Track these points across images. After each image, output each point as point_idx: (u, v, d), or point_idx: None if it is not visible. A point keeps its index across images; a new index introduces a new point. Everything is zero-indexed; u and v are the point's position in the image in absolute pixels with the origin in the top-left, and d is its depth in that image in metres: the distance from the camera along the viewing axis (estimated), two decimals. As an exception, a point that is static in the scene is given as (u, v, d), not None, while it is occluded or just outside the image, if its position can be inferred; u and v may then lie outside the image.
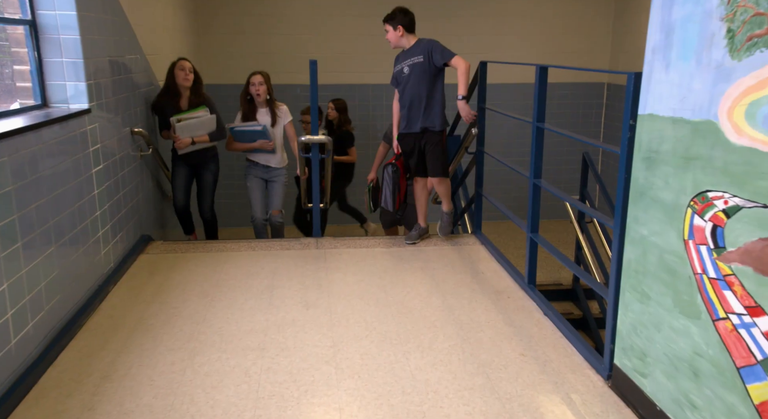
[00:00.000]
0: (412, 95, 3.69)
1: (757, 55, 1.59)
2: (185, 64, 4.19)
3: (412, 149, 3.81)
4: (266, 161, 4.56)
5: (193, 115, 4.19)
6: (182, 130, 4.16)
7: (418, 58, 3.65)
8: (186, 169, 4.40)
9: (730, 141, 1.69)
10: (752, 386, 1.61)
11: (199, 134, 4.26)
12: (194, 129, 4.23)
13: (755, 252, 1.60)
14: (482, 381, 2.38)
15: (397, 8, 3.71)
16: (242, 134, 4.47)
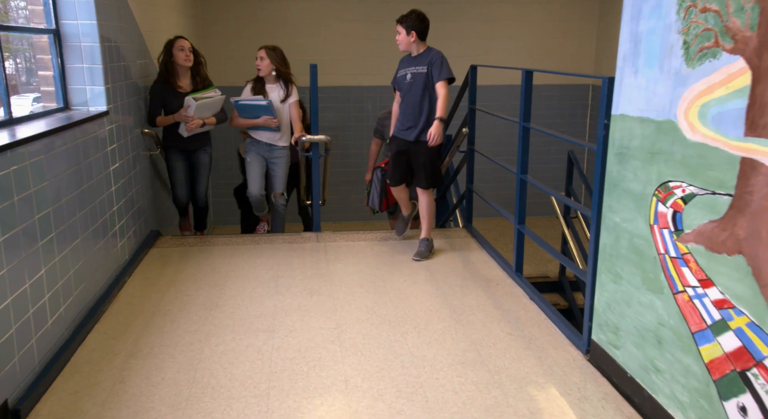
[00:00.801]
0: (411, 104, 3.70)
1: (706, 63, 1.85)
2: (184, 43, 4.02)
3: (400, 154, 3.81)
4: (269, 139, 4.38)
5: (207, 95, 4.07)
6: (199, 109, 4.01)
7: (422, 68, 3.64)
8: (183, 160, 4.28)
9: (686, 137, 1.95)
10: (703, 347, 1.86)
11: (208, 116, 4.15)
12: (207, 109, 4.10)
13: (706, 233, 1.86)
14: (473, 356, 2.63)
15: (415, 12, 3.64)
16: (246, 108, 4.27)
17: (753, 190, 1.66)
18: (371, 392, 2.33)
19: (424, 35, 3.66)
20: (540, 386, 2.40)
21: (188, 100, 3.94)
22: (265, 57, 4.20)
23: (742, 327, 1.70)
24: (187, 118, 4.01)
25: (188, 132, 4.08)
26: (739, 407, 1.71)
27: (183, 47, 4.00)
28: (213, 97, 4.09)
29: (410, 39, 3.63)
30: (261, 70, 4.24)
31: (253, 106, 4.24)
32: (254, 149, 4.43)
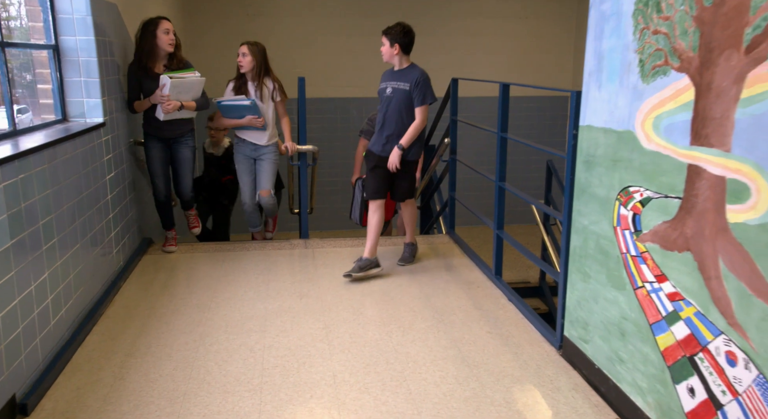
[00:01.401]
0: (389, 119, 3.67)
1: (658, 80, 2.05)
2: (169, 25, 3.75)
3: (377, 168, 3.77)
4: (255, 139, 4.21)
5: (185, 75, 3.78)
6: (175, 88, 3.70)
7: (404, 84, 3.60)
8: (162, 151, 3.97)
9: (643, 146, 2.15)
10: (659, 337, 2.05)
11: (187, 99, 3.85)
12: (185, 90, 3.79)
13: (660, 233, 2.05)
14: (454, 353, 2.79)
15: (400, 26, 3.59)
16: (229, 109, 4.10)
17: (698, 193, 1.85)
18: (358, 386, 2.49)
19: (408, 49, 3.64)
20: (516, 379, 2.57)
21: (163, 78, 3.66)
22: (248, 53, 4.03)
23: (691, 316, 1.89)
24: (163, 98, 3.69)
25: (165, 114, 3.76)
26: (689, 389, 1.90)
27: (168, 30, 3.73)
28: (186, 77, 3.78)
29: (393, 51, 3.60)
30: (243, 67, 4.06)
31: (236, 106, 4.08)
32: (241, 151, 4.26)
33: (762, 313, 1.60)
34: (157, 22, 3.70)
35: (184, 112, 3.88)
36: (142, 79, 3.76)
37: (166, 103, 3.71)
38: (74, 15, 3.29)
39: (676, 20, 1.94)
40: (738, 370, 1.69)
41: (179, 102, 3.77)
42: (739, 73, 1.67)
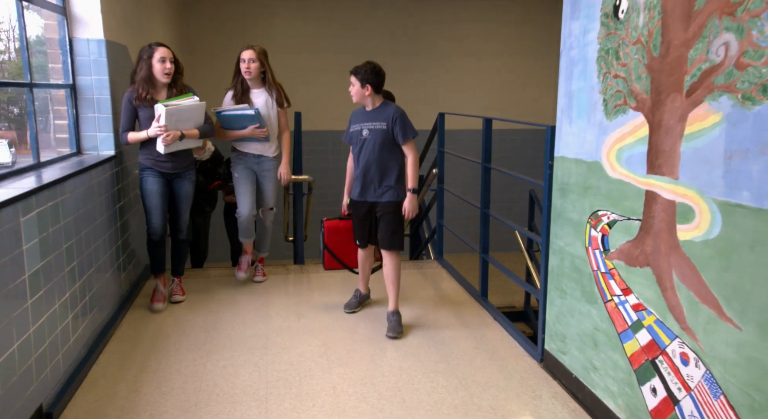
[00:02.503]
0: (369, 162, 3.43)
1: (619, 117, 2.35)
2: (166, 52, 3.44)
3: (365, 217, 3.54)
4: (258, 150, 3.95)
5: (181, 102, 3.45)
6: (171, 116, 3.35)
7: (381, 124, 3.40)
8: (161, 185, 3.59)
9: (608, 175, 2.43)
10: (626, 344, 2.30)
11: (189, 127, 3.51)
12: (185, 118, 3.45)
13: (625, 251, 2.32)
14: (444, 366, 3.01)
15: (369, 65, 3.39)
16: (231, 119, 3.81)
17: (654, 215, 2.13)
18: (356, 396, 2.70)
19: (379, 88, 3.42)
20: (501, 389, 2.79)
21: (157, 107, 3.35)
22: (256, 59, 3.76)
23: (652, 324, 2.15)
24: (160, 129, 3.38)
25: (165, 146, 3.42)
26: (651, 389, 2.14)
27: (165, 58, 3.41)
28: (182, 103, 3.42)
29: (365, 92, 3.38)
30: (250, 74, 3.77)
31: (238, 116, 3.79)
32: (242, 163, 3.98)
33: (707, 317, 1.86)
34: (151, 50, 3.40)
35: (187, 142, 3.56)
36: (138, 108, 3.47)
37: (165, 135, 3.40)
38: (90, 57, 3.56)
39: (632, 67, 2.25)
40: (690, 369, 1.94)
41: (179, 132, 3.46)
42: (682, 113, 1.97)
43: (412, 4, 7.69)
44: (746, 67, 1.68)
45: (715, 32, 1.80)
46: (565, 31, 2.78)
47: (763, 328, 1.65)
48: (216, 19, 7.32)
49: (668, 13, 2.03)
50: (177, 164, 3.61)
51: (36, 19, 3.46)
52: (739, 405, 1.74)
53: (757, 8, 1.63)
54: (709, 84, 1.84)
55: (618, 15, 2.33)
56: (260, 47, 3.83)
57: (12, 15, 3.12)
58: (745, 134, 1.70)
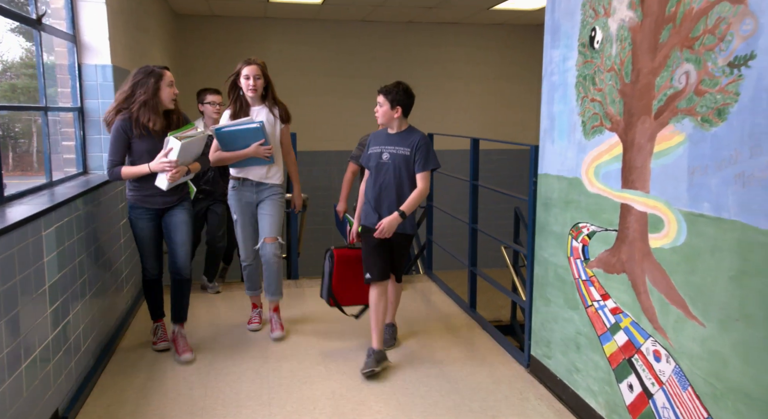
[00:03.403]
0: (387, 188, 3.18)
1: (596, 137, 2.57)
2: (172, 76, 3.13)
3: (380, 245, 3.20)
4: (260, 176, 3.46)
5: (188, 133, 3.06)
6: (184, 151, 3.00)
7: (404, 149, 3.16)
8: (153, 223, 3.23)
9: (588, 190, 2.65)
10: (606, 345, 2.49)
11: (192, 160, 3.19)
12: (192, 152, 3.13)
13: (603, 259, 2.52)
14: (436, 372, 3.18)
15: (401, 86, 3.18)
16: (232, 137, 3.34)
17: (628, 225, 2.34)
18: (354, 399, 2.85)
19: (408, 111, 3.22)
20: (490, 392, 2.96)
21: (172, 141, 2.96)
22: (261, 75, 3.39)
23: (628, 325, 2.34)
24: (171, 164, 2.98)
25: (169, 183, 3.05)
26: (628, 385, 2.33)
27: (172, 82, 3.10)
28: (195, 135, 3.08)
29: (394, 114, 3.16)
30: (256, 91, 3.38)
31: (240, 131, 3.34)
32: (239, 197, 3.48)
33: (676, 317, 2.06)
34: (160, 74, 3.05)
35: (188, 177, 3.23)
36: (133, 139, 3.04)
37: (174, 171, 2.99)
38: (98, 81, 3.74)
39: (607, 92, 2.48)
40: (662, 364, 2.14)
41: (185, 167, 3.10)
42: (651, 134, 2.19)
43: (400, 28, 7.99)
44: (704, 94, 1.91)
45: (678, 62, 2.03)
46: (546, 59, 3.01)
47: (723, 324, 1.85)
48: (210, 42, 7.54)
49: (637, 44, 2.26)
50: (170, 198, 3.20)
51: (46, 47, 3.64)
52: (703, 394, 1.93)
53: (711, 43, 1.86)
54: (674, 108, 2.06)
55: (594, 45, 2.57)
56: (261, 61, 3.43)
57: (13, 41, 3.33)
58: (705, 152, 1.92)
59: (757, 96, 1.69)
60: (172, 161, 2.99)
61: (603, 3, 2.47)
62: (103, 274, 3.36)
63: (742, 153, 1.75)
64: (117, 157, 3.06)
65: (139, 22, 4.80)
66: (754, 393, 1.74)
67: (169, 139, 2.99)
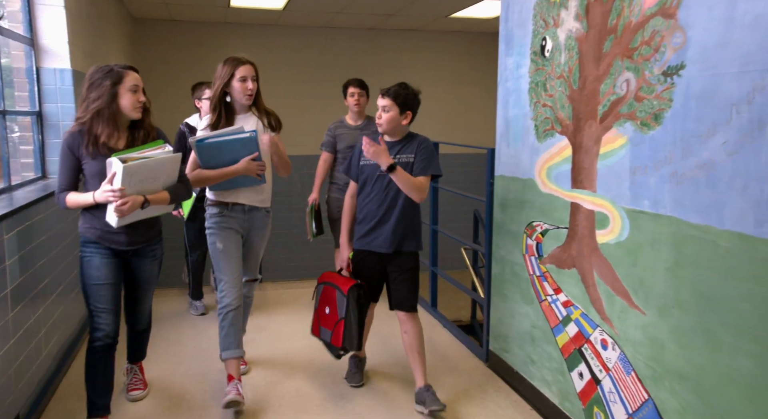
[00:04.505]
0: (386, 203, 2.75)
1: (548, 140, 2.72)
2: (138, 79, 2.43)
3: (375, 272, 2.87)
4: (252, 200, 2.85)
5: (145, 153, 2.35)
6: (131, 176, 2.27)
7: (408, 156, 2.75)
8: (112, 268, 2.48)
9: (541, 190, 2.79)
10: (558, 337, 2.63)
11: (156, 188, 2.41)
12: (152, 176, 2.36)
13: (555, 256, 2.66)
14: (399, 369, 3.27)
15: (410, 88, 2.78)
16: (217, 150, 2.65)
17: (578, 223, 2.49)
18: (319, 396, 2.92)
19: (414, 117, 2.83)
20: (451, 386, 3.07)
21: (112, 162, 2.26)
22: (256, 76, 2.83)
23: (578, 317, 2.49)
24: (114, 194, 2.25)
25: (119, 218, 2.31)
26: (579, 374, 2.47)
27: (137, 87, 2.41)
28: (152, 156, 2.33)
29: (402, 120, 2.74)
30: (251, 97, 2.77)
31: (228, 143, 2.65)
32: (225, 225, 2.81)
33: (621, 307, 2.21)
34: (120, 75, 2.36)
35: (152, 210, 2.42)
36: (84, 158, 2.39)
37: (119, 202, 2.26)
38: (57, 86, 3.71)
39: (557, 98, 2.63)
40: (608, 352, 2.28)
41: (141, 197, 2.35)
42: (597, 137, 2.34)
43: (361, 35, 8.10)
44: (642, 100, 2.06)
45: (619, 71, 2.18)
46: (501, 66, 3.16)
47: (661, 312, 2.00)
48: (170, 47, 7.49)
49: (583, 53, 2.41)
50: (135, 238, 2.50)
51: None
52: (645, 377, 2.08)
53: (647, 53, 2.02)
54: (617, 112, 2.22)
55: (544, 53, 2.72)
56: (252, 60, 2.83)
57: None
58: (644, 154, 2.07)
59: (687, 102, 1.85)
60: (116, 190, 2.25)
61: (552, 14, 2.62)
62: (65, 278, 3.34)
63: (676, 154, 1.91)
64: (63, 180, 2.43)
65: (98, 27, 4.76)
66: (687, 374, 1.89)
67: (111, 160, 2.27)
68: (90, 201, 2.36)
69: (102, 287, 2.48)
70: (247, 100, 2.76)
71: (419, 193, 2.68)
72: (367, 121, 4.29)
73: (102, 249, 2.48)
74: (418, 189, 2.68)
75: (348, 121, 4.28)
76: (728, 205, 1.72)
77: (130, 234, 2.49)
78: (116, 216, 2.31)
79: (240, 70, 2.74)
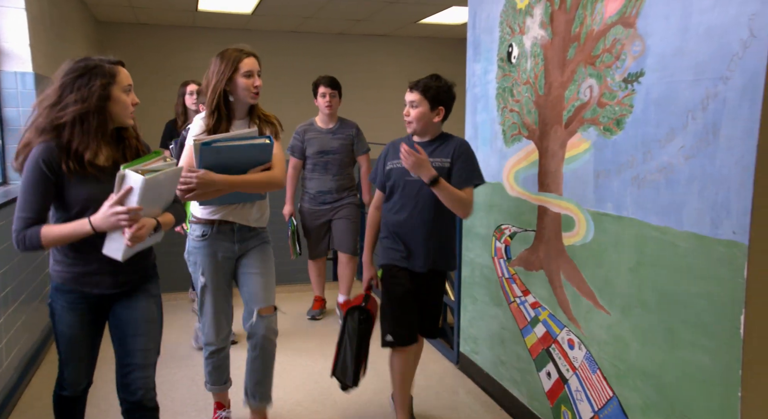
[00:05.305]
0: (421, 214, 2.40)
1: (516, 145, 2.77)
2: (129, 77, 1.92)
3: (406, 296, 2.46)
4: (246, 218, 2.40)
5: (150, 164, 1.84)
6: (150, 192, 1.80)
7: (443, 160, 2.40)
8: (89, 315, 1.96)
9: (508, 194, 2.84)
10: (527, 338, 2.68)
11: (160, 208, 1.95)
12: (157, 196, 1.89)
13: (524, 258, 2.72)
14: (371, 373, 3.23)
15: (444, 80, 2.44)
16: (227, 156, 2.18)
17: (545, 226, 2.54)
18: (291, 401, 2.92)
19: (449, 114, 2.50)
20: (423, 388, 3.10)
21: (131, 176, 1.76)
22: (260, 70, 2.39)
23: (546, 318, 2.54)
24: (128, 216, 1.74)
25: (131, 248, 1.82)
26: (547, 373, 2.52)
27: (131, 86, 1.92)
28: (162, 168, 1.86)
29: (434, 117, 2.42)
30: (257, 96, 2.37)
31: (242, 148, 2.21)
32: (210, 250, 2.39)
33: (587, 307, 2.26)
34: (112, 72, 1.86)
35: (155, 237, 1.92)
36: (65, 177, 1.80)
37: (135, 227, 1.76)
38: (18, 89, 3.64)
39: (524, 103, 2.69)
40: (575, 352, 2.34)
41: (153, 220, 1.87)
42: (562, 141, 2.40)
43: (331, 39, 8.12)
44: (605, 105, 2.13)
45: (583, 77, 2.25)
46: (470, 72, 3.21)
47: (624, 311, 2.06)
48: (136, 50, 7.38)
49: (549, 60, 2.48)
50: (126, 275, 1.95)
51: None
52: (609, 375, 2.14)
53: (609, 61, 2.09)
54: (581, 118, 2.28)
55: (511, 60, 2.78)
56: None
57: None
58: (607, 158, 2.14)
59: (647, 108, 1.92)
60: (131, 209, 1.73)
61: (518, 22, 2.69)
62: (27, 287, 3.26)
63: (637, 158, 1.97)
64: (32, 209, 1.77)
65: (60, 29, 4.68)
66: (649, 370, 1.95)
67: (126, 173, 1.76)
68: (85, 230, 1.76)
69: (75, 340, 1.98)
70: (252, 98, 2.35)
71: (466, 208, 2.35)
72: (340, 124, 4.06)
73: (78, 298, 1.91)
74: (465, 204, 2.33)
75: (318, 123, 4.03)
76: (686, 207, 1.79)
77: (118, 273, 1.90)
78: (126, 246, 1.79)
79: (245, 64, 2.32)
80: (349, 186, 4.08)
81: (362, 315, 2.48)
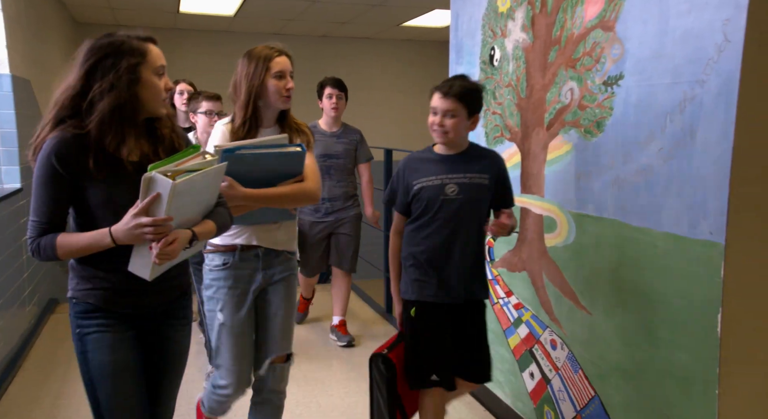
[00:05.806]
0: (458, 237, 2.10)
1: (498, 147, 2.79)
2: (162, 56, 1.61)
3: (447, 332, 2.16)
4: (273, 241, 2.10)
5: (186, 163, 1.53)
6: (182, 197, 1.48)
7: (481, 176, 2.12)
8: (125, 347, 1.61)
9: (491, 196, 2.86)
10: (510, 338, 2.70)
11: (194, 217, 1.61)
12: (193, 200, 1.57)
13: (507, 259, 2.74)
14: (356, 374, 3.28)
15: (473, 82, 2.13)
16: (254, 165, 1.90)
17: (527, 227, 2.56)
18: (275, 405, 2.90)
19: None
20: (407, 390, 3.10)
21: (156, 180, 1.44)
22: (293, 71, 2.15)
23: (529, 319, 2.56)
24: (156, 229, 1.45)
25: (159, 267, 1.53)
26: (530, 374, 2.54)
27: (164, 67, 1.62)
28: (202, 167, 1.54)
29: (470, 125, 2.13)
30: (289, 99, 2.11)
31: (271, 156, 1.95)
32: (233, 281, 2.06)
33: (568, 308, 2.29)
34: (143, 51, 1.56)
35: (190, 250, 1.59)
36: (82, 176, 1.51)
37: (164, 241, 1.46)
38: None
39: (506, 105, 2.71)
40: (558, 352, 2.36)
41: (188, 231, 1.56)
42: (544, 143, 2.43)
43: (314, 42, 8.11)
44: (585, 108, 2.16)
45: (564, 80, 2.27)
46: (452, 74, 3.22)
47: (606, 311, 2.08)
48: (116, 52, 7.30)
49: (530, 63, 2.50)
50: (163, 294, 1.67)
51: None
52: (591, 375, 2.16)
53: (589, 64, 2.12)
54: (562, 120, 2.31)
55: (493, 63, 2.80)
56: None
57: None
58: (588, 160, 2.16)
59: (626, 111, 1.95)
60: (158, 221, 1.45)
61: (500, 25, 2.71)
62: (3, 293, 3.21)
63: (617, 160, 2.00)
64: (46, 213, 1.52)
65: (38, 31, 4.61)
66: (629, 369, 1.98)
67: (153, 176, 1.44)
68: (105, 243, 1.49)
69: (120, 378, 1.59)
70: (284, 103, 2.08)
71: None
72: (344, 129, 3.84)
73: (111, 319, 1.60)
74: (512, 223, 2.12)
75: (322, 126, 3.78)
76: (665, 208, 1.81)
77: (153, 292, 1.62)
78: (154, 263, 1.49)
79: (276, 63, 2.06)
80: (353, 194, 3.87)
81: (385, 363, 2.17)
